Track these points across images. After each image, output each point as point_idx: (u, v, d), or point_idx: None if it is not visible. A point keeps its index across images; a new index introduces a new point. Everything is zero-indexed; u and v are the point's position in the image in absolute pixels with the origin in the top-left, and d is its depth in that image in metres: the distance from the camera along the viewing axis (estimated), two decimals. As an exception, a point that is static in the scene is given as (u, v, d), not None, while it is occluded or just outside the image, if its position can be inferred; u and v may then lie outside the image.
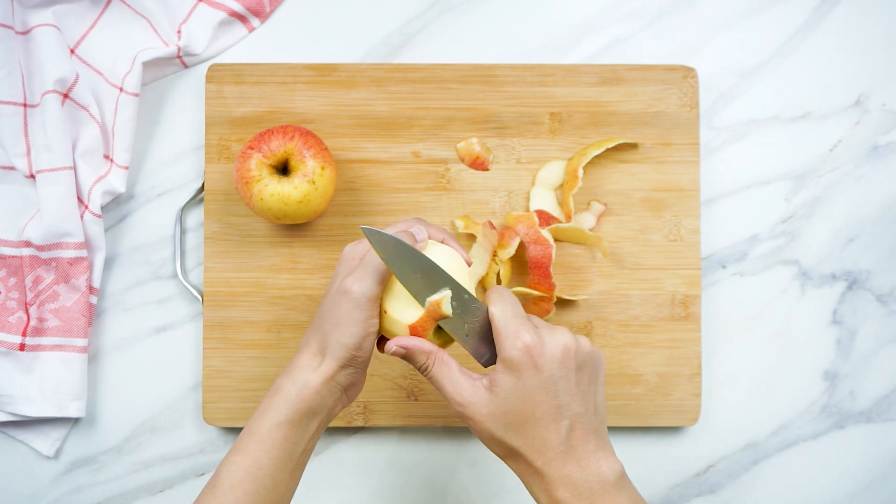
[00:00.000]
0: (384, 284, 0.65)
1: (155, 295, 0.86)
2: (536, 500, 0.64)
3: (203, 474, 0.86)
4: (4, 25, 0.84)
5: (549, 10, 0.88)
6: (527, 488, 0.65)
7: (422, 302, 0.65)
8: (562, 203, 0.85)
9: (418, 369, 0.66)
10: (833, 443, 0.87)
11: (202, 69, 0.87)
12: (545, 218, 0.84)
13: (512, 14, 0.88)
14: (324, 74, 0.85)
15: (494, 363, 0.66)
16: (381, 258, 0.64)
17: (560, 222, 0.84)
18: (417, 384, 0.84)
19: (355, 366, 0.67)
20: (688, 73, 0.86)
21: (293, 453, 0.67)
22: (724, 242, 0.87)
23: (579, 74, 0.85)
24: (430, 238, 0.69)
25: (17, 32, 0.83)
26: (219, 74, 0.85)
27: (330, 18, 0.88)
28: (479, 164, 0.85)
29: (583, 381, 0.64)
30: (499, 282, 0.84)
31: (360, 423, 0.84)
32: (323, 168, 0.79)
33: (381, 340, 0.69)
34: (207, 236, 0.85)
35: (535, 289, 0.83)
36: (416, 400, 0.85)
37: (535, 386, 0.62)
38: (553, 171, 0.85)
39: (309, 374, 0.66)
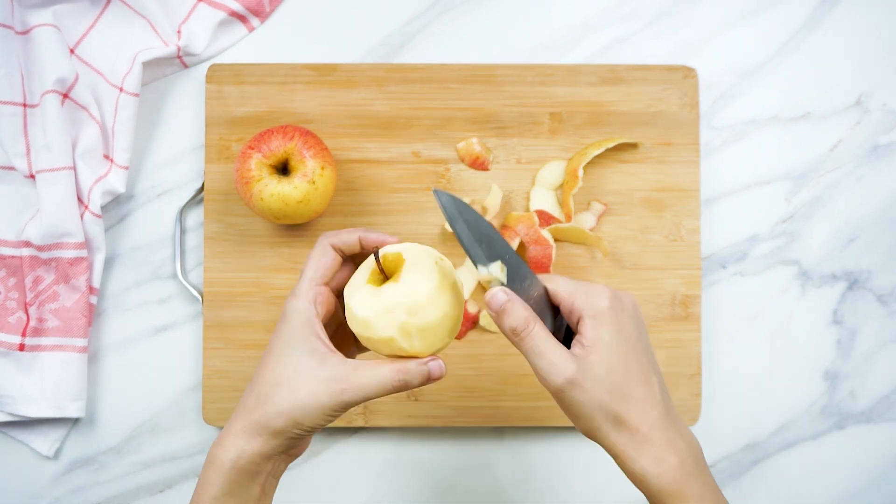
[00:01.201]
0: (382, 396, 0.60)
1: (155, 295, 0.86)
2: (637, 471, 0.59)
3: (203, 474, 0.86)
4: (4, 25, 0.84)
5: (549, 10, 0.88)
6: (625, 464, 0.59)
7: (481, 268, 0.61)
8: (562, 203, 0.85)
9: (510, 330, 0.59)
10: (833, 443, 0.87)
11: (202, 69, 0.87)
12: (545, 218, 0.84)
13: (512, 14, 0.88)
14: (324, 74, 0.85)
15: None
16: (448, 221, 0.60)
17: (560, 222, 0.84)
18: (417, 384, 0.84)
19: (303, 440, 0.62)
20: (688, 73, 0.86)
21: None
22: (724, 242, 0.87)
23: (579, 74, 0.85)
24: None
25: (16, 32, 0.83)
26: (219, 74, 0.85)
27: (330, 18, 0.88)
28: (479, 164, 0.85)
29: (647, 340, 0.62)
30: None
31: (360, 423, 0.84)
32: (323, 168, 0.79)
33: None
34: (207, 236, 0.85)
35: None
36: (416, 400, 0.85)
37: (627, 340, 0.60)
38: (553, 171, 0.85)
39: (244, 444, 0.61)
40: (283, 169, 0.79)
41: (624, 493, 0.84)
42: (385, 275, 0.61)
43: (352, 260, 0.67)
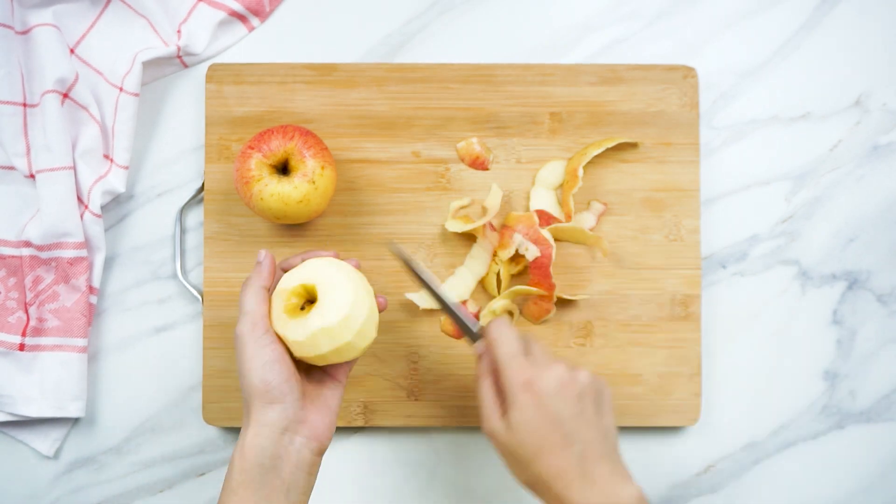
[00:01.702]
0: (266, 302, 0.70)
1: (155, 295, 0.86)
2: None
3: (203, 474, 0.86)
4: (4, 25, 0.84)
5: (549, 10, 0.88)
6: None
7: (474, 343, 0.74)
8: (562, 203, 0.85)
9: (477, 374, 0.70)
10: (833, 443, 0.87)
11: (202, 69, 0.87)
12: (545, 218, 0.84)
13: (512, 14, 0.88)
14: (324, 74, 0.85)
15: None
16: (408, 271, 0.71)
17: (560, 222, 0.84)
18: (417, 384, 0.84)
19: (280, 402, 0.67)
20: (688, 73, 0.86)
21: None
22: (724, 242, 0.87)
23: (579, 74, 0.85)
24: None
25: (16, 32, 0.83)
26: (219, 74, 0.85)
27: (330, 18, 0.88)
28: (479, 164, 0.85)
29: (587, 410, 0.67)
30: (499, 282, 0.84)
31: (360, 423, 0.84)
32: (323, 168, 0.79)
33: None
34: (207, 236, 0.85)
35: (535, 288, 0.83)
36: (416, 400, 0.85)
37: (541, 418, 0.65)
38: (553, 171, 0.85)
39: (244, 431, 0.67)
40: (284, 169, 0.79)
41: (624, 493, 0.84)
42: (305, 302, 0.71)
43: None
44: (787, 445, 0.87)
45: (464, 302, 0.84)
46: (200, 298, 0.85)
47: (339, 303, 0.69)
